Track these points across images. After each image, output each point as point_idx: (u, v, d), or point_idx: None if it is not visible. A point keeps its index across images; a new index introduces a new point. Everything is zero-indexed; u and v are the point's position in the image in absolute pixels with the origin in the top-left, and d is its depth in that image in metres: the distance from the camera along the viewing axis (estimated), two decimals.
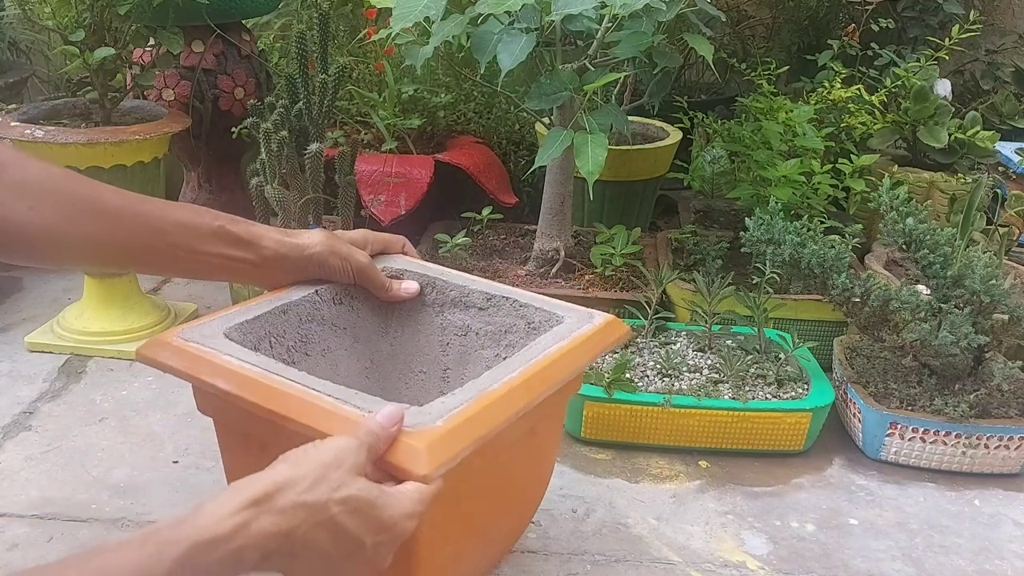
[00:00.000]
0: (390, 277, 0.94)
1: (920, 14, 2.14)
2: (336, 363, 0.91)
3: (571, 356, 0.80)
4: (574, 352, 0.80)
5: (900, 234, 1.14)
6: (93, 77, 1.37)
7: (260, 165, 1.36)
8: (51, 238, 0.71)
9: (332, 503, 0.58)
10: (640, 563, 0.98)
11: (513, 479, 0.87)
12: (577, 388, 0.89)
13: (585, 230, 1.66)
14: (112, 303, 1.41)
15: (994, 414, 1.16)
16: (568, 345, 0.80)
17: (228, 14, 1.61)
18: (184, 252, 0.78)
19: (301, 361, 0.87)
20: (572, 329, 0.83)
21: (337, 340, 0.92)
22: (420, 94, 1.73)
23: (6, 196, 0.68)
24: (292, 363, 0.84)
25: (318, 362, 0.89)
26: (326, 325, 0.91)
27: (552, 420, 0.91)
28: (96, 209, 0.72)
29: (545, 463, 0.94)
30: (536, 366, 0.76)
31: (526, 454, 0.86)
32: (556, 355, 0.78)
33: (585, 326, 0.84)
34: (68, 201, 0.71)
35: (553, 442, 0.94)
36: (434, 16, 1.18)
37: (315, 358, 0.89)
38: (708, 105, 2.07)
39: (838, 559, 1.00)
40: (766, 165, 1.54)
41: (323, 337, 0.90)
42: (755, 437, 1.17)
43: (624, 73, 1.30)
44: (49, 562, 0.54)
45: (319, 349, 0.90)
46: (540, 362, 0.76)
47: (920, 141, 1.67)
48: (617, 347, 0.85)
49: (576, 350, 0.80)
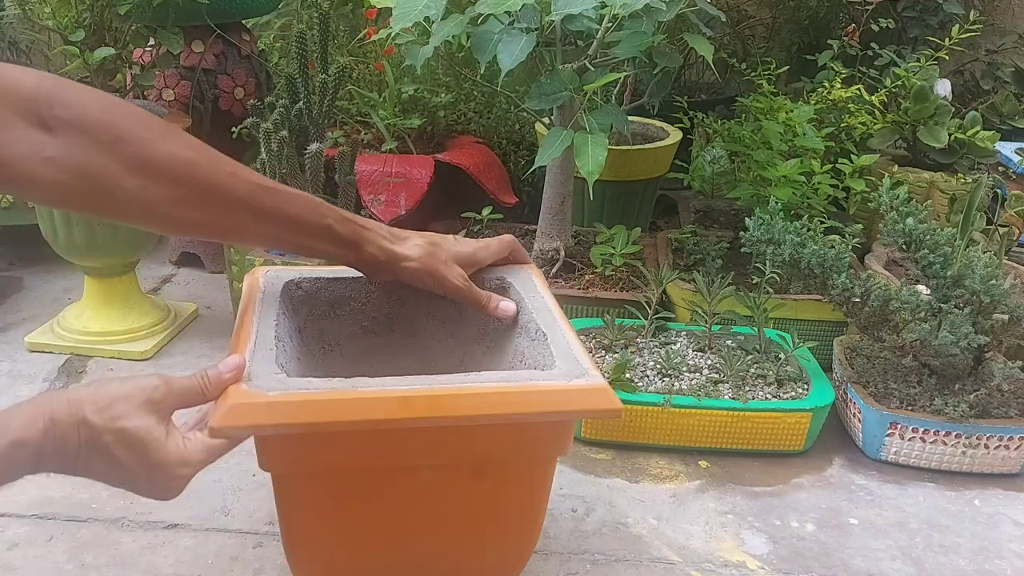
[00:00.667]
0: (497, 288, 0.92)
1: (920, 14, 2.14)
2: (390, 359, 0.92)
3: (511, 398, 0.70)
4: (518, 396, 0.70)
5: (900, 234, 1.14)
6: (93, 77, 1.37)
7: (260, 165, 1.36)
8: (155, 215, 0.71)
9: (106, 431, 0.62)
10: (640, 563, 0.98)
11: (442, 519, 0.79)
12: (561, 450, 0.78)
13: (585, 230, 1.66)
14: (112, 303, 1.41)
15: (994, 414, 1.16)
16: (515, 387, 0.70)
17: (228, 14, 1.61)
18: (288, 242, 0.79)
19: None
20: (542, 377, 0.73)
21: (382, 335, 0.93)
22: (420, 94, 1.73)
23: (120, 170, 0.67)
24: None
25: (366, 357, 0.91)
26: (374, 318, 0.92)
27: (514, 472, 0.78)
28: (207, 197, 0.72)
29: (509, 520, 0.82)
30: (451, 390, 0.69)
31: (468, 497, 0.78)
32: (489, 389, 0.70)
33: (559, 380, 0.72)
34: (183, 186, 0.70)
35: (520, 501, 0.81)
36: (434, 16, 1.18)
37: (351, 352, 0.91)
38: (708, 105, 2.07)
39: (838, 559, 1.00)
40: (766, 165, 1.54)
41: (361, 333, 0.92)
42: (755, 437, 1.17)
43: (624, 73, 1.30)
44: None
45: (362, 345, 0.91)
46: (458, 388, 0.69)
47: (920, 141, 1.67)
48: (601, 414, 0.73)
49: (523, 397, 0.70)
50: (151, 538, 0.98)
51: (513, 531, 0.82)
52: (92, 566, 0.94)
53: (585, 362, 0.74)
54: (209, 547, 0.97)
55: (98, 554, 0.95)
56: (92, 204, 0.69)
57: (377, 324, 0.94)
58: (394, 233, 0.86)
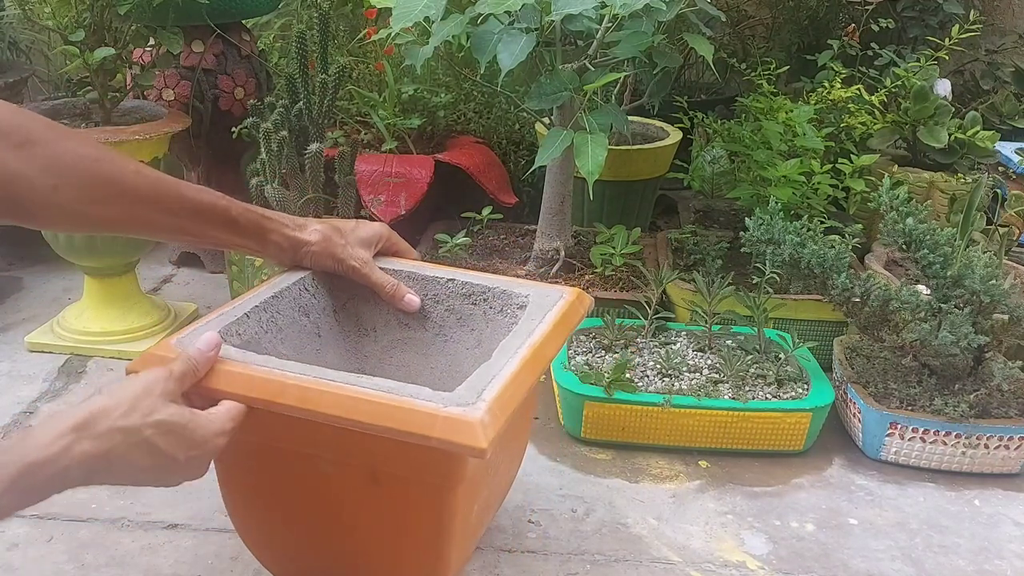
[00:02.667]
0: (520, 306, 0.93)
1: (920, 14, 2.14)
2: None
3: (372, 408, 0.69)
4: (380, 408, 0.69)
5: (900, 234, 1.14)
6: (93, 77, 1.37)
7: (260, 165, 1.36)
8: (69, 215, 0.74)
9: (146, 427, 0.65)
10: (640, 563, 0.98)
11: (352, 520, 0.80)
12: (456, 480, 0.73)
13: (585, 230, 1.66)
14: (112, 303, 1.41)
15: (994, 414, 1.16)
16: (382, 399, 0.69)
17: (228, 14, 1.61)
18: (196, 235, 0.83)
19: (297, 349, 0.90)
20: (424, 396, 0.70)
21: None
22: (420, 94, 1.73)
23: (33, 172, 0.70)
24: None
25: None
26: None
27: (414, 493, 0.75)
28: (116, 193, 0.76)
29: (417, 542, 0.78)
30: (324, 386, 0.70)
31: (370, 503, 0.77)
32: (358, 394, 0.70)
33: (435, 404, 0.69)
34: (92, 184, 0.74)
35: (423, 524, 0.77)
36: (434, 16, 1.18)
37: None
38: (708, 105, 2.07)
39: (838, 559, 1.00)
40: (766, 165, 1.54)
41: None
42: (755, 437, 1.17)
43: (624, 73, 1.30)
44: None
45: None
46: (333, 387, 0.70)
47: (920, 141, 1.67)
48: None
49: (383, 410, 0.69)
50: (151, 538, 0.98)
51: (422, 557, 0.79)
52: (92, 566, 0.94)
53: (488, 394, 0.69)
54: (209, 547, 0.97)
55: (98, 554, 0.95)
56: (8, 211, 0.71)
57: (411, 319, 0.96)
58: (296, 221, 0.90)
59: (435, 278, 0.96)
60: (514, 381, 0.73)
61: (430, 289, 0.96)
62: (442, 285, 0.96)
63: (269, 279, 0.91)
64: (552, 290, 0.92)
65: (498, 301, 0.93)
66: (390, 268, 0.95)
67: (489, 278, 0.96)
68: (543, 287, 0.93)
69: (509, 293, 0.92)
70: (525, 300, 0.91)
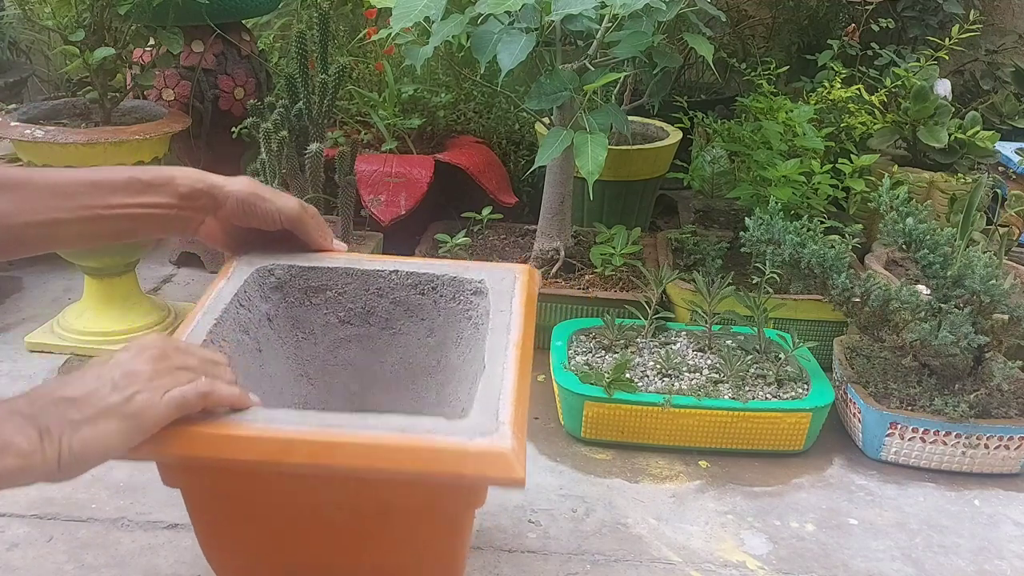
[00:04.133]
0: (476, 291, 0.88)
1: (920, 14, 2.14)
2: (264, 363, 0.87)
3: (397, 454, 0.63)
4: (404, 453, 0.63)
5: (900, 234, 1.14)
6: (93, 77, 1.37)
7: (260, 165, 1.36)
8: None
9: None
10: (640, 563, 0.98)
11: (344, 555, 0.76)
12: (476, 503, 0.70)
13: (585, 230, 1.66)
14: (112, 303, 1.41)
15: (994, 414, 1.16)
16: (403, 442, 0.63)
17: (228, 14, 1.61)
18: (101, 209, 0.76)
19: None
20: (444, 430, 0.65)
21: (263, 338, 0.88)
22: (420, 94, 1.73)
23: None
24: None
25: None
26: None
27: (428, 522, 0.72)
28: (10, 188, 0.72)
29: (424, 565, 0.76)
30: (335, 437, 0.64)
31: (375, 538, 0.73)
32: (375, 440, 0.63)
33: (460, 436, 0.64)
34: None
35: (436, 551, 0.74)
36: (434, 16, 1.18)
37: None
38: (708, 105, 2.07)
39: (838, 559, 1.00)
40: (766, 165, 1.54)
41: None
42: (755, 437, 1.17)
43: (624, 73, 1.30)
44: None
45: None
46: (343, 436, 0.64)
47: (920, 141, 1.67)
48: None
49: (409, 454, 0.63)
50: (151, 538, 0.98)
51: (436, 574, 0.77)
52: (92, 566, 0.94)
53: (504, 414, 0.66)
54: None
55: (98, 554, 0.95)
56: None
57: (353, 315, 0.91)
58: (206, 173, 0.83)
59: (376, 272, 0.90)
60: (519, 390, 0.70)
61: (372, 284, 0.90)
62: (385, 278, 0.90)
63: (199, 302, 0.82)
64: (502, 270, 0.88)
65: (448, 288, 0.89)
66: (323, 266, 0.89)
67: (434, 264, 0.91)
68: (492, 268, 0.89)
69: (460, 280, 0.88)
70: (480, 286, 0.87)
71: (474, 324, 0.86)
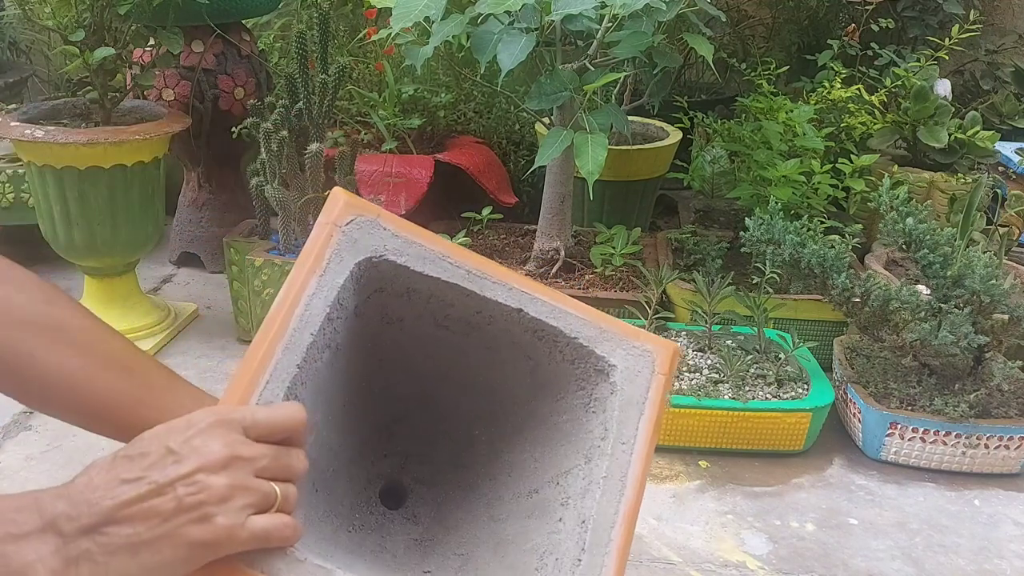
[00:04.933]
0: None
1: (920, 14, 2.14)
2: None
3: None
4: None
5: (900, 234, 1.14)
6: (93, 77, 1.37)
7: (260, 165, 1.36)
8: None
9: None
10: (640, 563, 0.98)
11: None
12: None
13: (585, 230, 1.66)
14: (112, 303, 1.41)
15: (994, 414, 1.16)
16: None
17: (228, 14, 1.61)
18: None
19: None
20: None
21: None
22: (420, 94, 1.73)
23: None
24: None
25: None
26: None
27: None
28: None
29: None
30: None
31: None
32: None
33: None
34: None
35: None
36: (434, 16, 1.18)
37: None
38: (708, 105, 2.07)
39: (838, 559, 1.00)
40: (766, 165, 1.54)
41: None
42: (755, 437, 1.17)
43: (624, 73, 1.30)
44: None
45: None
46: None
47: (920, 141, 1.67)
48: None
49: None
50: None
51: None
52: None
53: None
54: None
55: None
56: None
57: (453, 322, 0.71)
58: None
59: (496, 302, 0.68)
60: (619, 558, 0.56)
61: (487, 310, 0.69)
62: (506, 316, 0.68)
63: (284, 299, 0.57)
64: (642, 352, 0.68)
65: (570, 351, 0.71)
66: (438, 278, 0.66)
67: (565, 312, 0.70)
68: (630, 343, 0.69)
69: (589, 352, 0.70)
70: (608, 367, 0.69)
71: (585, 407, 0.69)
